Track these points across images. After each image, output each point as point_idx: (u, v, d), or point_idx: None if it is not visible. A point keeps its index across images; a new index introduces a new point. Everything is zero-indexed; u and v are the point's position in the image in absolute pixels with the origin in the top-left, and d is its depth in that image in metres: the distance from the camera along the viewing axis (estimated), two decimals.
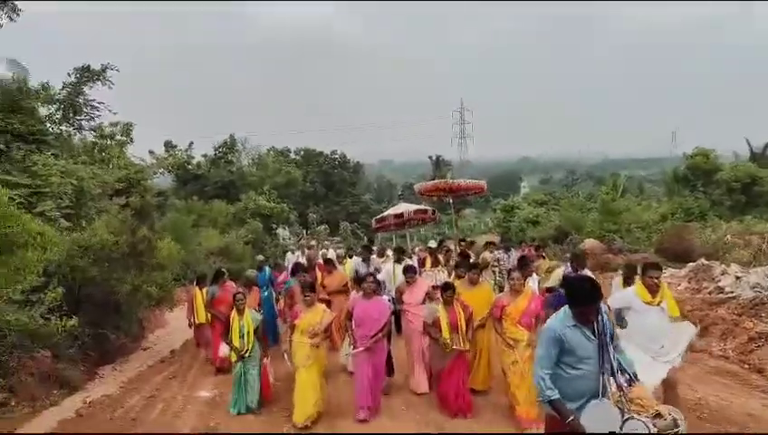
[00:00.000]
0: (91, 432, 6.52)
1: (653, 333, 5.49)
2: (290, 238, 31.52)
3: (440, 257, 10.77)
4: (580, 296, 3.74)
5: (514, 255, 11.94)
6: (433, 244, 14.55)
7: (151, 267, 9.98)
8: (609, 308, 3.74)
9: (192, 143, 36.04)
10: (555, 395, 3.71)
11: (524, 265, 8.11)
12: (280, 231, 32.08)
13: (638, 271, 6.08)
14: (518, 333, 6.42)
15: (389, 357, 7.70)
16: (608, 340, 3.76)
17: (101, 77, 11.92)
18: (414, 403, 7.29)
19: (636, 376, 3.85)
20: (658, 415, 3.66)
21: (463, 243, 14.94)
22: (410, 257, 11.61)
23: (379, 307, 6.97)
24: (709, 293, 11.82)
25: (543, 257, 12.07)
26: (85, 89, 11.84)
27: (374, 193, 76.54)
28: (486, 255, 12.26)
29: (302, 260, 12.49)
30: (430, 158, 74.60)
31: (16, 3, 11.48)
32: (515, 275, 6.76)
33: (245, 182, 34.39)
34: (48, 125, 11.33)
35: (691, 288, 12.61)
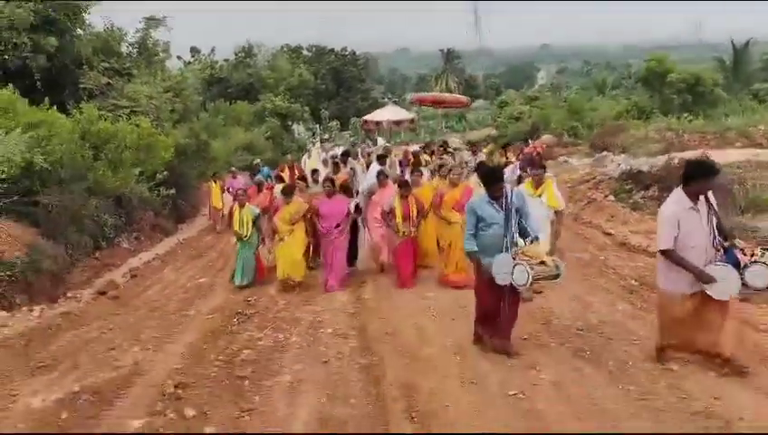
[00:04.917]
0: None
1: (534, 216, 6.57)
2: (305, 133, 36.36)
3: (422, 159, 12.76)
4: (487, 178, 5.24)
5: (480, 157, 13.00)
6: (416, 147, 16.83)
7: (209, 160, 15.19)
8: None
9: (214, 48, 40.17)
10: (473, 248, 5.15)
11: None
12: (295, 127, 36.85)
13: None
14: (453, 217, 7.92)
15: (355, 247, 9.20)
16: (513, 213, 5.01)
17: (163, 24, 16.47)
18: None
19: (537, 238, 5.12)
20: (542, 263, 4.73)
21: (441, 148, 15.34)
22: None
23: (340, 204, 8.55)
24: (593, 176, 16.69)
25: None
26: (151, 32, 16.42)
27: (386, 86, 78.21)
28: (446, 158, 13.24)
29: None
30: (441, 51, 76.06)
31: None
32: (456, 171, 8.41)
33: (263, 84, 38.36)
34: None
35: (587, 171, 17.51)
